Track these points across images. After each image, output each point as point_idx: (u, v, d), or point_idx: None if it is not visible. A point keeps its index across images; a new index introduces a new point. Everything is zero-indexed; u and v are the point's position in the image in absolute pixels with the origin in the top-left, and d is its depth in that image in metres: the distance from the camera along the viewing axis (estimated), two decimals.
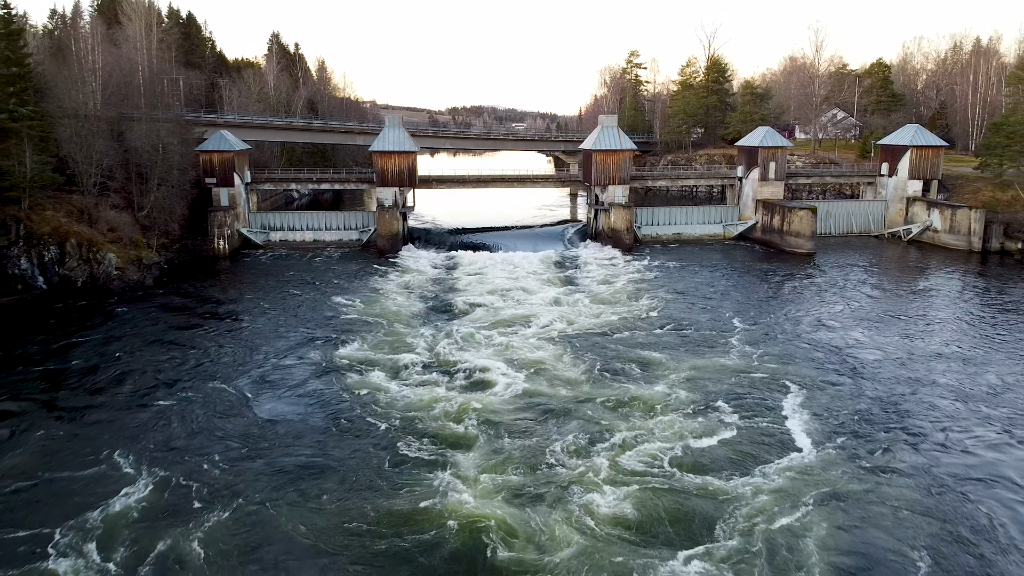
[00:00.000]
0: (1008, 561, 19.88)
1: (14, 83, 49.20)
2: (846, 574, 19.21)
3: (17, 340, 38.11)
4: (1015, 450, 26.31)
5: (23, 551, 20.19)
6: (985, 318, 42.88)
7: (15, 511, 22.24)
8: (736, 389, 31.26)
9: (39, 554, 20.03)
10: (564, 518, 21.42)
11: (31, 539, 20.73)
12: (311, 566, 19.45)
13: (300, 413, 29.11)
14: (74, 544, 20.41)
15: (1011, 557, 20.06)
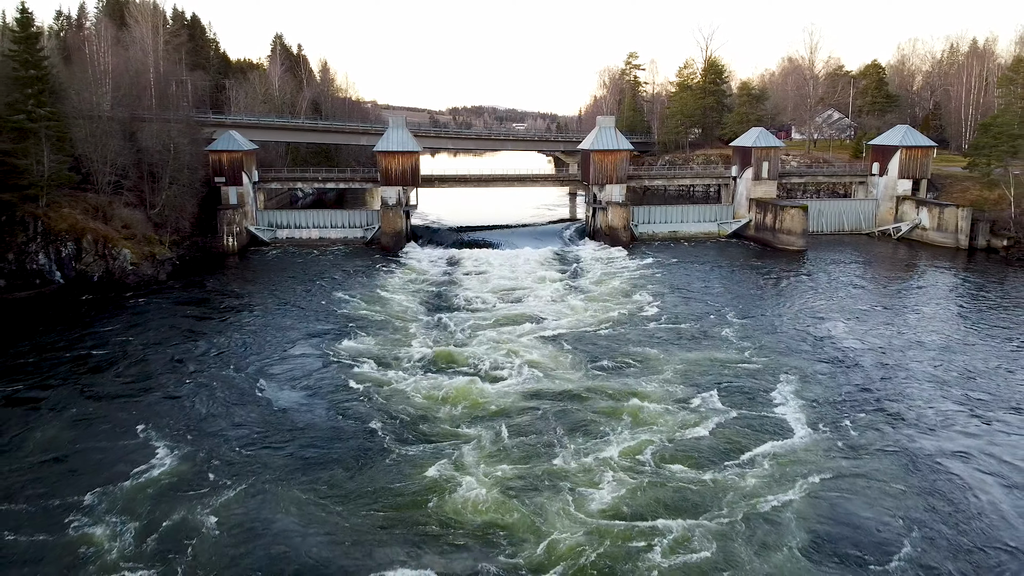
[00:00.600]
0: (978, 526, 21.60)
1: (32, 85, 50.91)
2: (830, 542, 20.71)
3: (41, 330, 39.99)
4: (983, 429, 28.10)
5: (56, 515, 21.95)
6: (966, 311, 44.69)
7: (49, 479, 24.11)
8: (728, 379, 32.84)
9: (71, 518, 21.75)
10: (563, 503, 22.59)
11: (63, 505, 22.51)
12: (313, 540, 20.78)
13: (307, 401, 30.63)
14: (102, 510, 22.15)
15: (981, 523, 21.78)
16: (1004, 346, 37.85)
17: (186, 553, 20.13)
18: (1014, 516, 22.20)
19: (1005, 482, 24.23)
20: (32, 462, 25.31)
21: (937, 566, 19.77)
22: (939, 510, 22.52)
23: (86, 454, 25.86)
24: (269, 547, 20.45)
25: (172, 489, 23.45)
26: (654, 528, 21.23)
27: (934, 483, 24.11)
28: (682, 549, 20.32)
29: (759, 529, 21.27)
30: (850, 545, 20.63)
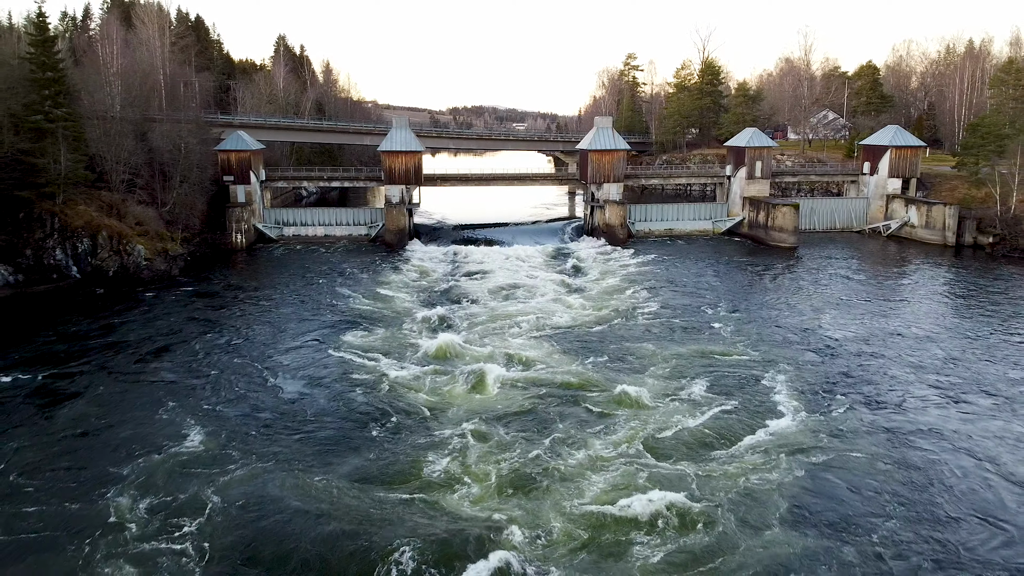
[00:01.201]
0: (948, 496, 23.41)
1: (49, 87, 52.79)
2: (816, 513, 22.31)
3: (63, 320, 41.94)
4: (955, 409, 29.98)
5: (87, 485, 23.76)
6: (949, 304, 46.58)
7: (81, 451, 26.09)
8: (720, 368, 34.37)
9: (101, 489, 23.52)
10: (561, 486, 23.61)
11: (95, 476, 24.37)
12: (317, 515, 22.03)
13: (315, 388, 32.08)
14: (131, 482, 23.92)
15: (951, 493, 23.59)
16: (981, 336, 39.74)
17: (202, 522, 21.67)
18: (981, 486, 24.00)
19: (972, 456, 26.06)
20: (62, 437, 27.22)
21: (912, 531, 21.46)
22: (915, 482, 24.22)
23: (113, 430, 27.81)
24: (278, 520, 21.78)
25: (193, 464, 25.13)
26: (651, 506, 22.29)
27: (910, 458, 25.85)
28: (677, 525, 21.52)
29: (750, 504, 22.66)
30: (835, 516, 22.14)
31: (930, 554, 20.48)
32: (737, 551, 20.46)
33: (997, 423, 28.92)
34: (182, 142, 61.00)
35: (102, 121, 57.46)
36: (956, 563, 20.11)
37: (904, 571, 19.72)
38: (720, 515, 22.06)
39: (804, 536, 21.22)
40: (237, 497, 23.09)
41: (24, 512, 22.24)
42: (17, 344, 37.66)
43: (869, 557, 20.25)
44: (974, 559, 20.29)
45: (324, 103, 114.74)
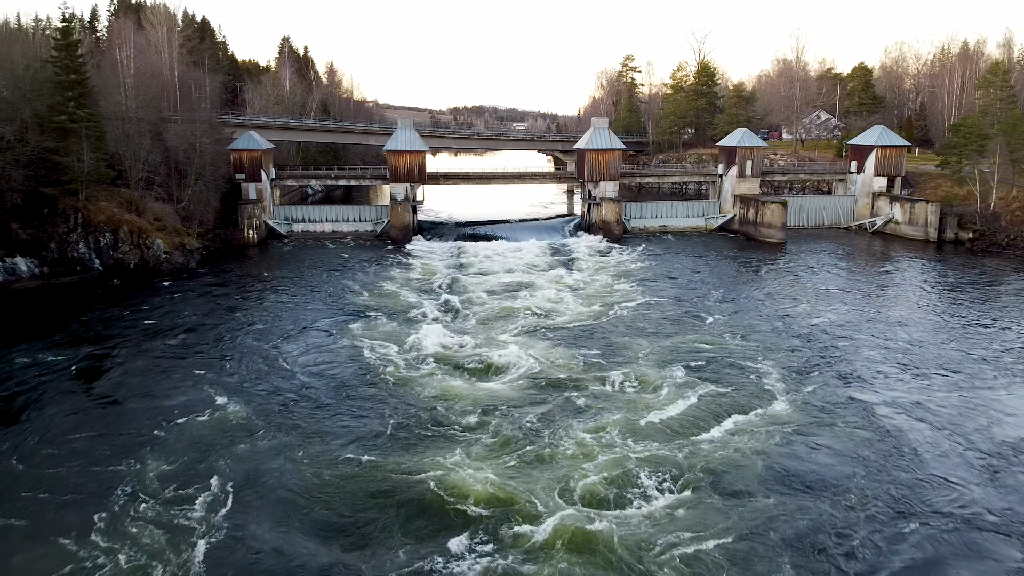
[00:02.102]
0: (909, 459, 26.09)
1: (73, 88, 55.60)
2: (793, 475, 24.81)
3: (93, 307, 44.95)
4: (920, 384, 32.86)
5: (124, 448, 26.55)
6: (924, 293, 49.34)
7: (111, 420, 29.00)
8: (708, 353, 36.80)
9: (137, 450, 26.33)
10: (559, 469, 24.83)
11: (131, 440, 27.23)
12: (325, 491, 24.01)
13: (325, 372, 34.17)
14: (163, 447, 26.65)
15: (912, 457, 26.28)
16: (951, 321, 42.60)
17: (217, 488, 23.94)
18: (937, 451, 26.70)
19: (930, 425, 28.81)
20: (96, 406, 30.23)
21: (879, 488, 24.10)
22: (882, 447, 26.92)
23: (141, 401, 30.79)
24: (288, 489, 23.97)
25: (213, 434, 27.70)
26: (647, 477, 24.46)
27: (877, 426, 28.57)
28: (670, 495, 23.51)
29: (736, 469, 25.06)
30: (813, 477, 24.67)
31: (894, 505, 23.12)
32: (725, 508, 22.77)
33: (956, 395, 31.79)
34: (197, 142, 63.78)
35: (121, 121, 60.28)
36: (916, 513, 22.69)
37: (872, 520, 22.30)
38: (708, 479, 24.38)
39: (784, 495, 23.60)
40: (252, 465, 25.42)
41: (53, 473, 24.86)
42: (54, 328, 40.53)
43: (841, 508, 22.87)
44: (932, 510, 22.91)
45: (329, 104, 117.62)
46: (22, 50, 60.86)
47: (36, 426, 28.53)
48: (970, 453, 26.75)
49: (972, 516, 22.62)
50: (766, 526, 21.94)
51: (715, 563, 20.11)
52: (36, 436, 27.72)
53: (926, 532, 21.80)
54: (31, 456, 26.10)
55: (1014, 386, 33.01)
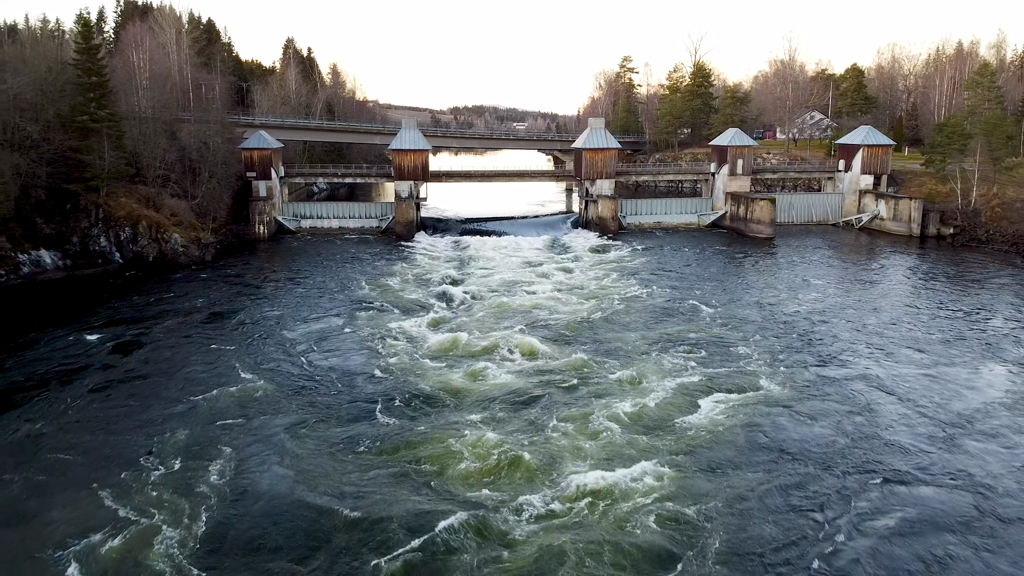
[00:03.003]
0: (876, 427, 28.87)
1: (94, 90, 58.44)
2: (776, 442, 27.46)
3: (120, 296, 48.02)
4: (884, 362, 35.69)
5: (148, 418, 29.40)
6: (902, 283, 52.17)
7: (143, 392, 32.02)
8: (697, 339, 39.16)
9: (159, 420, 29.18)
10: (556, 451, 26.30)
11: (155, 411, 30.09)
12: (334, 464, 26.22)
13: (334, 357, 36.47)
14: (184, 417, 29.45)
15: (879, 424, 29.07)
16: (921, 308, 45.48)
17: (232, 454, 26.47)
18: (902, 421, 29.51)
19: (897, 398, 31.64)
20: (126, 381, 33.09)
21: (852, 451, 26.89)
22: (853, 416, 29.74)
23: (183, 372, 33.91)
24: (293, 460, 26.17)
25: (233, 407, 30.39)
26: (638, 458, 26.27)
27: (850, 399, 31.42)
28: (662, 471, 25.32)
29: (723, 440, 27.61)
30: (793, 445, 27.25)
31: (864, 466, 25.79)
32: (713, 473, 25.29)
33: (922, 372, 34.72)
34: (210, 141, 66.64)
35: (138, 121, 63.16)
36: (881, 473, 25.42)
37: (842, 478, 25.00)
38: (698, 449, 26.90)
39: (765, 460, 26.16)
40: (264, 436, 27.90)
41: (80, 439, 27.60)
42: (83, 314, 43.46)
43: (819, 467, 25.61)
44: (897, 469, 25.69)
45: (333, 104, 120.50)
46: (44, 52, 63.79)
47: (69, 396, 31.43)
48: (930, 422, 29.54)
49: (930, 476, 25.27)
50: (749, 487, 24.35)
51: (700, 520, 22.37)
52: (68, 406, 30.60)
53: (888, 489, 24.44)
54: (63, 423, 28.95)
55: (974, 364, 35.88)
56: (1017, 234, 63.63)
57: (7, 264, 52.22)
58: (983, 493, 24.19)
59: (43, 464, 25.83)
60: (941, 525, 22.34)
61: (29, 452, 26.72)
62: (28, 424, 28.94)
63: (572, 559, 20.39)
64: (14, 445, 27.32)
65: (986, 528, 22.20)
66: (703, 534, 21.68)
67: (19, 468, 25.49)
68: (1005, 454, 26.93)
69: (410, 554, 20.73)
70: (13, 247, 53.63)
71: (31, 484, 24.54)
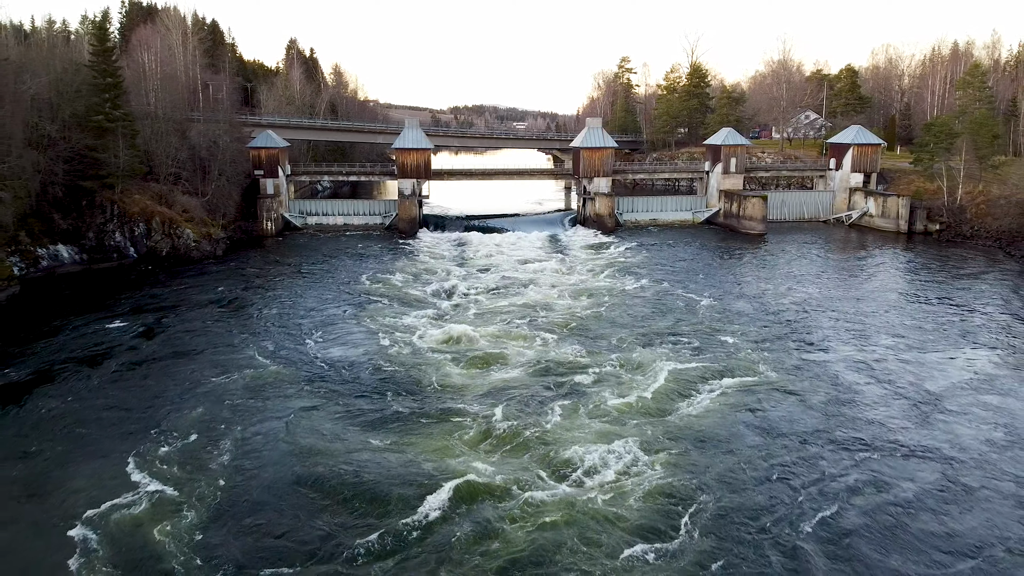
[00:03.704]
0: (851, 405, 31.08)
1: (109, 91, 60.58)
2: (762, 420, 29.54)
3: (138, 287, 50.40)
4: (861, 348, 37.90)
5: (176, 395, 31.68)
6: (886, 276, 54.40)
7: (161, 373, 34.28)
8: (689, 329, 41.45)
9: (188, 393, 31.47)
10: (553, 434, 28.09)
11: (183, 387, 32.44)
12: (342, 442, 28.41)
13: (341, 346, 38.56)
14: (208, 392, 31.80)
15: (853, 403, 31.27)
16: (903, 299, 47.78)
17: (240, 433, 28.42)
18: (878, 399, 31.75)
19: (875, 379, 33.89)
20: (148, 363, 35.33)
21: (831, 428, 29.05)
22: (832, 397, 31.93)
23: (207, 354, 36.20)
24: (295, 440, 27.98)
25: (244, 390, 32.53)
26: (634, 436, 28.25)
27: (829, 382, 33.63)
28: (657, 447, 27.33)
29: (716, 420, 29.60)
30: (780, 423, 29.39)
31: (842, 441, 27.98)
32: (707, 449, 27.31)
33: (898, 355, 37.10)
34: (219, 140, 68.78)
35: (151, 121, 65.30)
36: (860, 444, 27.73)
37: (823, 449, 27.24)
38: (692, 427, 28.89)
39: (755, 436, 28.29)
40: (271, 417, 29.86)
41: (101, 415, 29.85)
42: (104, 304, 45.75)
43: (803, 442, 27.83)
44: (869, 441, 27.99)
45: (336, 104, 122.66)
46: (59, 54, 65.93)
47: (93, 377, 33.84)
48: (904, 400, 31.78)
49: (904, 448, 27.48)
50: (739, 459, 26.41)
51: (694, 490, 24.36)
52: (91, 385, 33.00)
53: (863, 457, 26.68)
54: (87, 401, 31.26)
55: (947, 349, 38.14)
56: (1000, 230, 65.81)
57: (27, 258, 54.39)
58: (950, 463, 26.40)
59: (68, 437, 28.05)
60: (913, 490, 24.45)
61: (55, 427, 28.90)
62: (55, 401, 31.23)
63: (573, 530, 21.91)
64: (42, 421, 29.53)
65: (953, 492, 24.40)
66: (697, 501, 23.52)
67: (46, 441, 27.73)
68: (971, 429, 29.16)
69: (406, 528, 22.11)
70: (32, 242, 55.81)
71: (56, 455, 26.65)
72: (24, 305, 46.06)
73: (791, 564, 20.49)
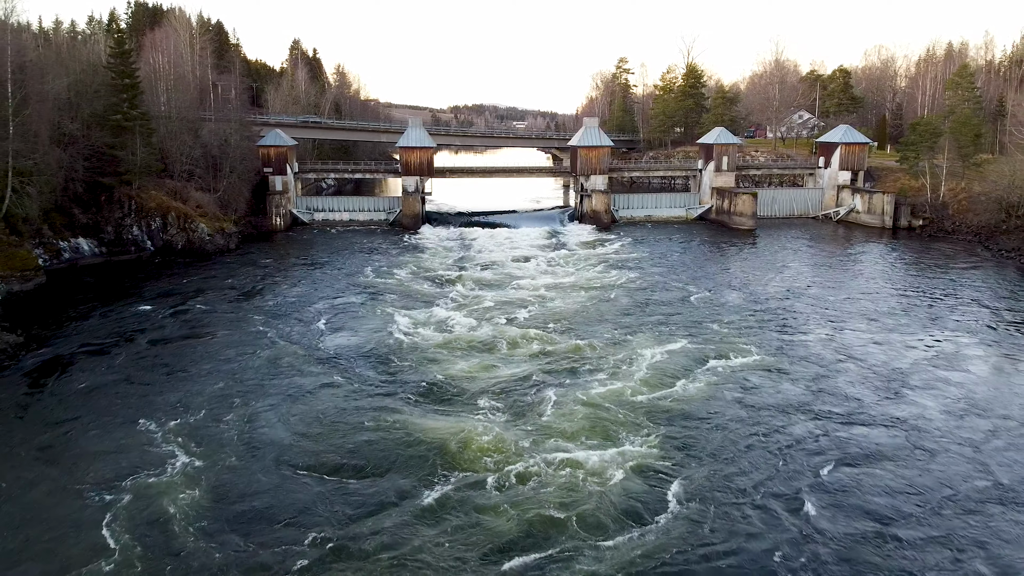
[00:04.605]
0: (831, 379, 33.74)
1: (127, 91, 63.38)
2: (748, 396, 32.06)
3: (159, 277, 53.36)
4: (836, 331, 40.65)
5: (200, 370, 34.35)
6: (868, 268, 57.19)
7: (192, 351, 37.01)
8: (679, 317, 44.03)
9: (214, 369, 34.15)
10: (549, 420, 31.79)
11: (202, 366, 34.95)
12: (348, 419, 32.18)
13: (348, 333, 40.85)
14: (225, 372, 34.35)
15: (832, 378, 33.85)
16: (882, 289, 50.55)
17: (253, 408, 30.95)
18: (850, 376, 34.41)
19: (849, 357, 36.64)
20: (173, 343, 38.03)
21: (807, 401, 31.60)
22: (810, 375, 34.50)
23: (226, 338, 38.80)
24: (304, 416, 30.36)
25: (264, 369, 35.05)
26: (629, 412, 31.81)
27: (807, 361, 36.22)
28: (645, 429, 29.68)
29: (707, 398, 31.97)
30: (764, 398, 31.87)
31: (822, 412, 30.56)
32: (697, 422, 29.69)
33: (869, 335, 40.02)
34: (230, 138, 71.62)
35: (165, 120, 68.12)
36: (840, 415, 30.33)
37: (807, 421, 29.78)
38: (683, 403, 31.19)
39: (741, 411, 30.65)
40: (283, 397, 32.51)
41: (127, 391, 32.61)
42: (128, 293, 48.60)
43: (785, 414, 30.35)
44: (845, 412, 30.61)
45: (340, 103, 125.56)
46: (77, 55, 68.74)
47: (120, 356, 36.54)
48: (875, 377, 34.45)
49: (874, 418, 30.09)
50: (726, 433, 28.73)
51: (685, 459, 26.96)
52: (117, 364, 35.60)
53: (838, 425, 29.32)
54: (113, 378, 33.82)
55: (917, 332, 40.93)
56: (979, 225, 68.64)
57: (50, 250, 57.13)
58: (916, 431, 28.94)
59: (95, 409, 30.34)
60: (882, 455, 26.99)
61: (85, 400, 31.31)
62: (86, 375, 33.92)
63: (570, 504, 23.65)
64: (73, 394, 31.96)
65: (917, 456, 26.94)
66: (689, 468, 25.84)
67: (75, 412, 30.16)
68: (935, 401, 31.80)
69: (405, 504, 23.30)
70: (54, 235, 58.52)
71: (83, 425, 28.94)
72: (51, 293, 48.81)
73: (775, 520, 22.74)
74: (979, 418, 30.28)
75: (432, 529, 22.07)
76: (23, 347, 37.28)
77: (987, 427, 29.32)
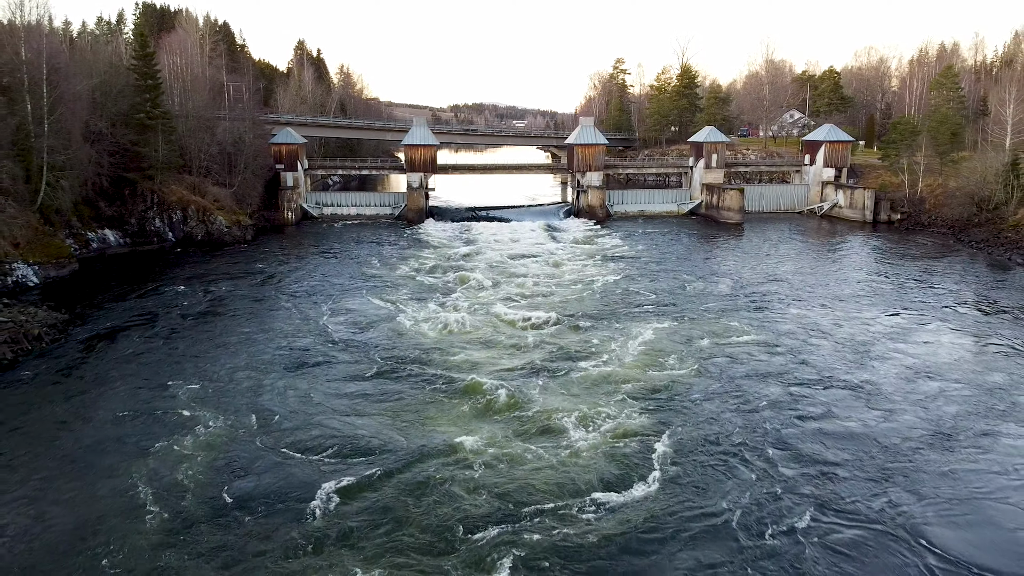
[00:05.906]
0: (800, 351, 37.44)
1: (150, 92, 67.33)
2: (725, 371, 35.71)
3: (183, 265, 57.32)
4: (815, 311, 44.46)
5: (224, 345, 38.01)
6: (845, 258, 61.18)
7: (217, 327, 40.76)
8: (665, 303, 47.83)
9: (237, 345, 37.80)
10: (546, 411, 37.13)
11: (225, 340, 38.68)
12: (356, 409, 36.17)
13: (356, 321, 43.82)
14: (249, 347, 38.10)
15: (801, 350, 37.53)
16: (856, 276, 54.49)
17: (271, 385, 35.29)
18: (818, 350, 38.08)
19: (820, 333, 40.45)
20: (201, 323, 41.98)
21: (783, 370, 35.23)
22: (779, 349, 38.17)
23: (248, 326, 42.52)
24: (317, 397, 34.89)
25: (287, 360, 38.34)
26: (622, 388, 35.87)
27: (777, 338, 39.97)
28: (644, 404, 34.22)
29: (694, 374, 35.46)
30: (741, 369, 35.31)
31: (792, 378, 34.35)
32: (683, 393, 33.40)
33: (841, 314, 43.97)
34: (244, 136, 75.58)
35: (184, 119, 72.08)
36: (808, 380, 34.02)
37: (778, 387, 33.56)
38: (670, 378, 34.49)
39: (721, 381, 34.40)
40: (299, 376, 36.77)
41: (164, 358, 36.56)
42: (157, 278, 52.61)
43: (759, 383, 34.05)
44: (816, 378, 34.41)
45: (345, 103, 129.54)
46: (102, 57, 72.66)
47: (154, 330, 40.39)
48: (845, 349, 38.20)
49: (836, 383, 33.77)
50: (709, 401, 32.20)
51: (670, 420, 30.92)
52: (151, 338, 39.34)
53: (803, 393, 32.85)
54: (149, 348, 37.76)
55: (884, 311, 44.90)
56: (954, 218, 72.60)
57: (80, 240, 61.15)
58: (872, 393, 32.47)
59: (134, 373, 34.06)
60: (842, 415, 30.49)
61: (119, 370, 34.87)
62: (124, 345, 37.85)
63: (562, 471, 27.54)
64: (110, 365, 35.60)
65: (873, 414, 30.53)
66: (674, 429, 29.07)
67: (118, 374, 33.99)
68: (890, 368, 35.56)
69: (405, 475, 24.71)
70: (83, 226, 62.57)
71: (122, 387, 32.41)
72: (85, 279, 52.78)
73: (753, 473, 26.07)
74: (930, 380, 34.08)
75: (425, 500, 23.45)
76: (70, 323, 41.32)
77: (936, 388, 33.12)
